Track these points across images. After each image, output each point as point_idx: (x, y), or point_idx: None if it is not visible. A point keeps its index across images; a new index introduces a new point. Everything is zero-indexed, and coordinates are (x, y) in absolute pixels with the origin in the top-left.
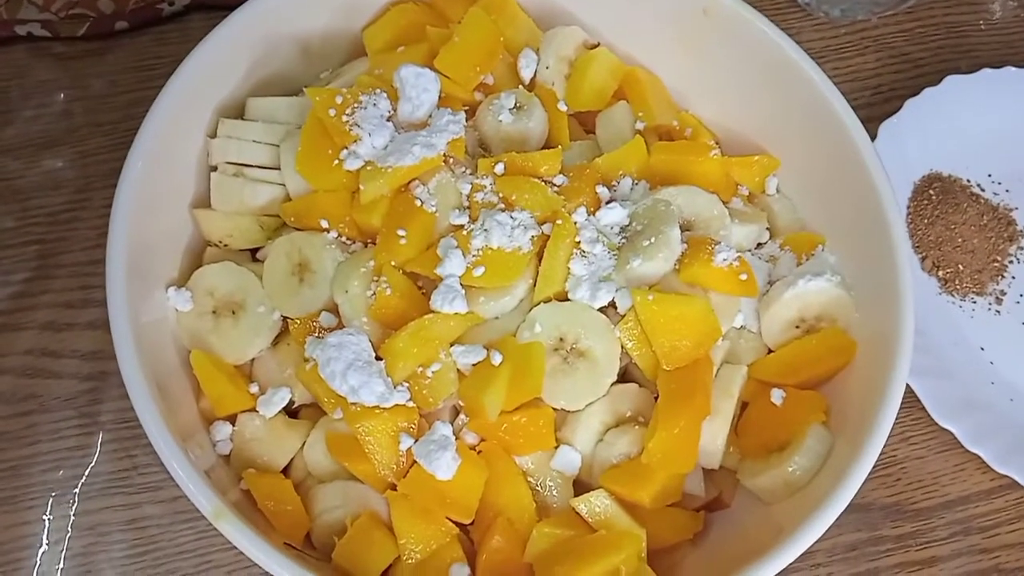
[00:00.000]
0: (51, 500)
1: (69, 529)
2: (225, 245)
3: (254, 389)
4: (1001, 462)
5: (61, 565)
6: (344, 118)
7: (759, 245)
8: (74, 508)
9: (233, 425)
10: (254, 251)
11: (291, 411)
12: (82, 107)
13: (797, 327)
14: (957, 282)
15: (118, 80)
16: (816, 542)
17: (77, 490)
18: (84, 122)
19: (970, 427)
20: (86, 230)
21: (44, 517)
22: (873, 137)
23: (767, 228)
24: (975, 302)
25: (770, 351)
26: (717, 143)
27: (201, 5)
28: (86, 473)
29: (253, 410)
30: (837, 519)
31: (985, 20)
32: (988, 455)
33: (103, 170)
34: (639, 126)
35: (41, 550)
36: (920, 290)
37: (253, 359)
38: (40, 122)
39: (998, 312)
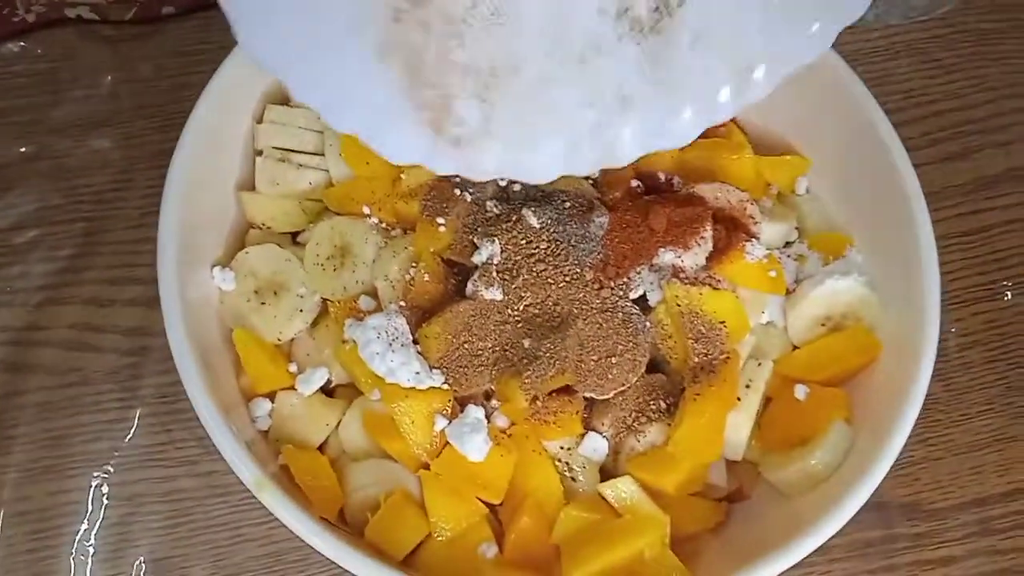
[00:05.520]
0: (91, 470)
1: (107, 499)
2: (268, 227)
3: (292, 368)
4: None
5: (99, 533)
6: None
7: (788, 244)
8: (113, 479)
9: (272, 402)
10: (294, 234)
11: (327, 390)
12: (128, 89)
13: (823, 325)
14: None
15: (163, 64)
16: (833, 537)
17: (116, 461)
18: (130, 104)
19: None
20: (130, 209)
21: (85, 486)
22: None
23: (796, 228)
24: None
25: (795, 347)
26: (749, 142)
27: None
28: (124, 445)
29: (291, 388)
30: (855, 516)
31: (1018, 26)
32: None
33: (147, 152)
34: None
35: (82, 517)
36: None
37: (292, 339)
38: (88, 103)
39: None
